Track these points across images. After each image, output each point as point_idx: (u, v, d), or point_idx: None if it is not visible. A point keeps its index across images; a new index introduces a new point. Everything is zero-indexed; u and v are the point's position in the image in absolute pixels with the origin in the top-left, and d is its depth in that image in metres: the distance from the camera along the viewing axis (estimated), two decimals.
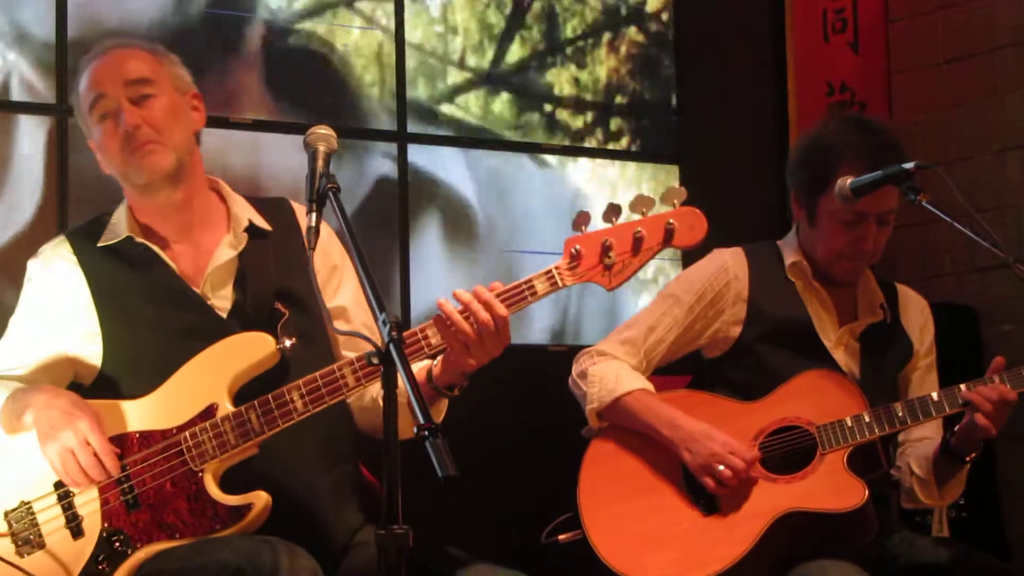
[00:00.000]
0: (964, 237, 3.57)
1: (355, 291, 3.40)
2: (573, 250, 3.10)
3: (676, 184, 3.43)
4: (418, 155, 5.44)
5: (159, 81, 3.28)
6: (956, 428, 3.62)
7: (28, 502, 3.11)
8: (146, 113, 3.23)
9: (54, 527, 3.10)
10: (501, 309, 3.01)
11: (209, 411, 3.10)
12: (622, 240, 3.10)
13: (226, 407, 3.09)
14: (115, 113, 3.23)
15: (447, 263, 5.48)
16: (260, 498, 3.05)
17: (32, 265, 3.36)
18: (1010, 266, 3.50)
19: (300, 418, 3.06)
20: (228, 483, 3.09)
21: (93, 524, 3.09)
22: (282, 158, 5.10)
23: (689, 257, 4.17)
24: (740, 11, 6.14)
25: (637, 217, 3.12)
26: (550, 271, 3.10)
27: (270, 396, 3.06)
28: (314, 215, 2.80)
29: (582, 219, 3.11)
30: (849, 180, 3.64)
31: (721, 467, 3.55)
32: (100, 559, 3.07)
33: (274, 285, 3.25)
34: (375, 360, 2.58)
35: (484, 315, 3.00)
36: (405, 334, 2.99)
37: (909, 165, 3.58)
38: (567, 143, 5.76)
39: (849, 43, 6.24)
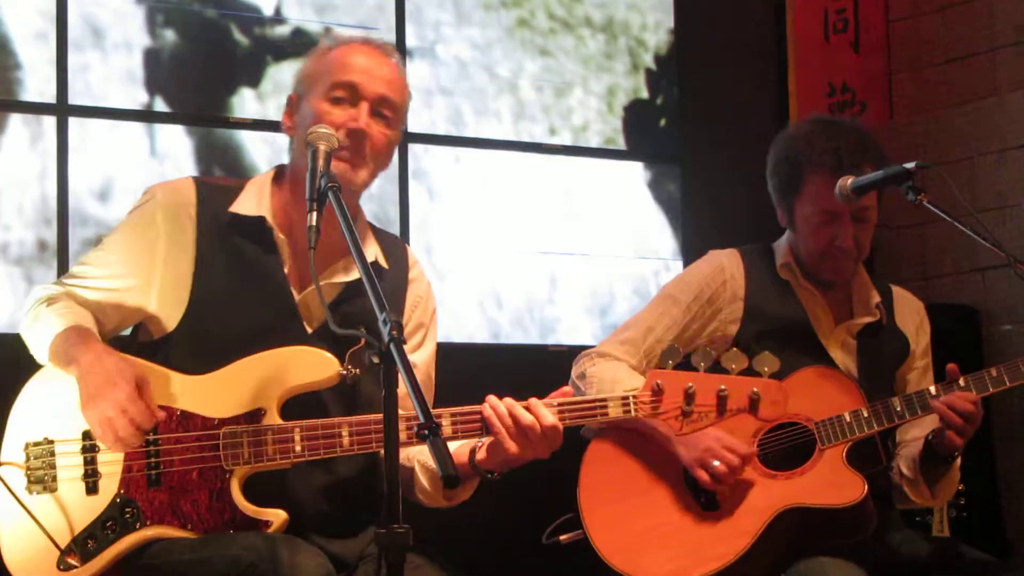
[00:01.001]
0: (965, 237, 3.58)
1: (431, 357, 3.37)
2: (655, 385, 3.08)
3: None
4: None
5: (398, 115, 3.23)
6: (933, 431, 3.63)
7: (52, 440, 3.05)
8: (376, 133, 3.16)
9: (70, 475, 3.04)
10: (548, 419, 3.01)
11: (256, 414, 3.05)
12: (705, 392, 3.07)
13: (273, 416, 3.05)
14: (353, 106, 3.15)
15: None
16: (279, 517, 3.02)
17: (152, 190, 3.23)
18: (1011, 266, 3.51)
19: (342, 454, 3.04)
20: (250, 489, 3.05)
21: (109, 486, 3.03)
22: None
23: (689, 260, 4.17)
24: (741, 11, 6.14)
25: (726, 371, 3.08)
26: (627, 399, 3.10)
27: (319, 423, 3.03)
28: (314, 214, 2.79)
29: (670, 354, 3.09)
30: (850, 181, 3.65)
31: (716, 462, 3.56)
32: (107, 523, 3.01)
33: (369, 321, 3.19)
34: (375, 359, 2.58)
35: (528, 420, 3.00)
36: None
37: (910, 165, 3.58)
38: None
39: (850, 43, 6.24)
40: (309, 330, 3.17)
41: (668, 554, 3.58)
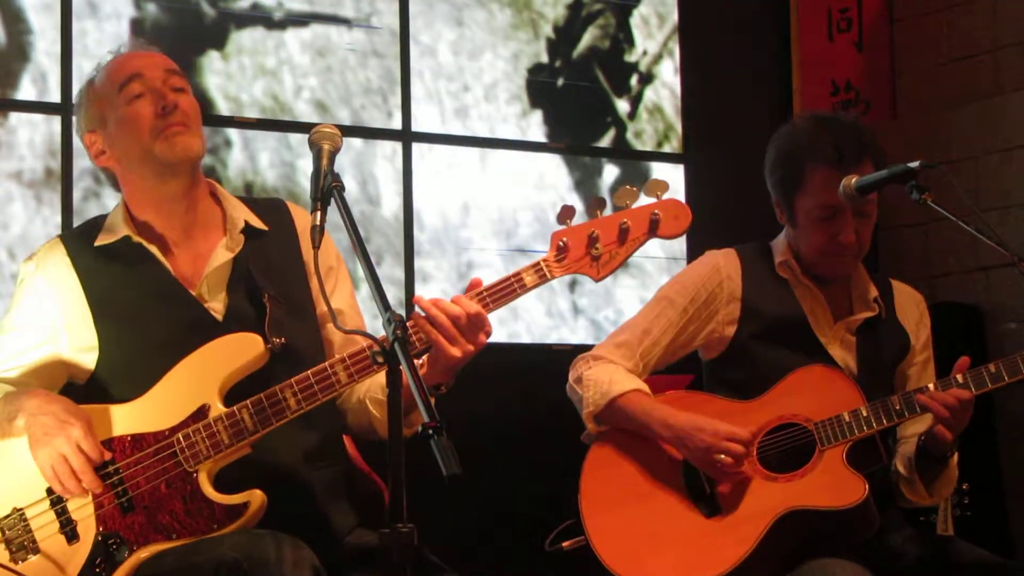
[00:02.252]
0: (969, 236, 3.57)
1: (350, 295, 3.42)
2: (560, 243, 3.13)
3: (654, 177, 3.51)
4: None
5: (187, 85, 3.31)
6: (925, 430, 3.63)
7: (21, 508, 3.10)
8: (184, 101, 3.25)
9: (48, 532, 3.09)
10: (472, 307, 3.02)
11: (201, 412, 3.09)
12: (608, 231, 3.14)
13: (218, 407, 3.08)
14: (153, 92, 3.23)
15: None
16: (256, 496, 3.05)
17: (25, 268, 3.33)
18: (1015, 265, 3.51)
19: (293, 415, 3.06)
20: (222, 482, 3.08)
21: (88, 528, 3.08)
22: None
23: (694, 256, 4.17)
24: (745, 10, 6.14)
25: (621, 209, 3.17)
26: (538, 263, 3.12)
27: (263, 395, 3.06)
28: (319, 214, 2.80)
29: (567, 213, 3.15)
30: (855, 180, 3.65)
31: (721, 456, 3.56)
32: (97, 562, 3.06)
33: (270, 286, 3.24)
34: (380, 359, 2.59)
35: (455, 309, 3.01)
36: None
37: (914, 164, 3.58)
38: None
39: (854, 42, 6.24)
40: (219, 318, 3.22)
41: (670, 560, 3.57)
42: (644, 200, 3.18)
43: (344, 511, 3.26)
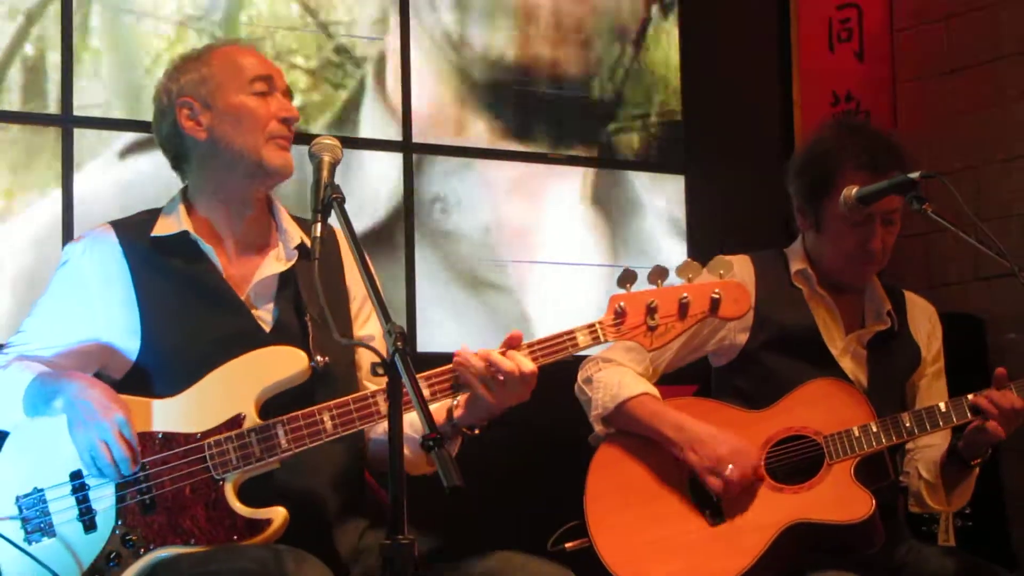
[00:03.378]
0: (970, 246, 3.58)
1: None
2: (618, 307, 3.11)
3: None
4: None
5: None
6: (964, 432, 3.62)
7: (42, 489, 3.08)
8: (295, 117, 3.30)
9: (66, 517, 3.06)
10: (527, 366, 3.02)
11: (235, 421, 3.07)
12: (667, 303, 3.12)
13: (253, 418, 3.07)
14: (275, 94, 3.26)
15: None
16: (279, 514, 3.03)
17: (72, 248, 3.30)
18: (1015, 275, 3.51)
19: (327, 439, 3.05)
20: (245, 494, 3.07)
21: (107, 520, 3.05)
22: None
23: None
24: (745, 20, 6.14)
25: (682, 282, 3.14)
26: (593, 326, 3.12)
27: (300, 414, 3.05)
28: (319, 225, 2.81)
29: (627, 277, 3.12)
30: (855, 190, 3.66)
31: (730, 466, 3.55)
32: (112, 555, 3.03)
33: (314, 307, 3.23)
34: (380, 371, 2.59)
35: (509, 365, 3.01)
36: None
37: (915, 175, 3.59)
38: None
39: (855, 52, 6.24)
40: (267, 329, 3.21)
41: (673, 567, 3.57)
42: (706, 277, 3.16)
43: (358, 527, 3.25)
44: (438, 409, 3.13)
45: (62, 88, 4.85)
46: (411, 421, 3.14)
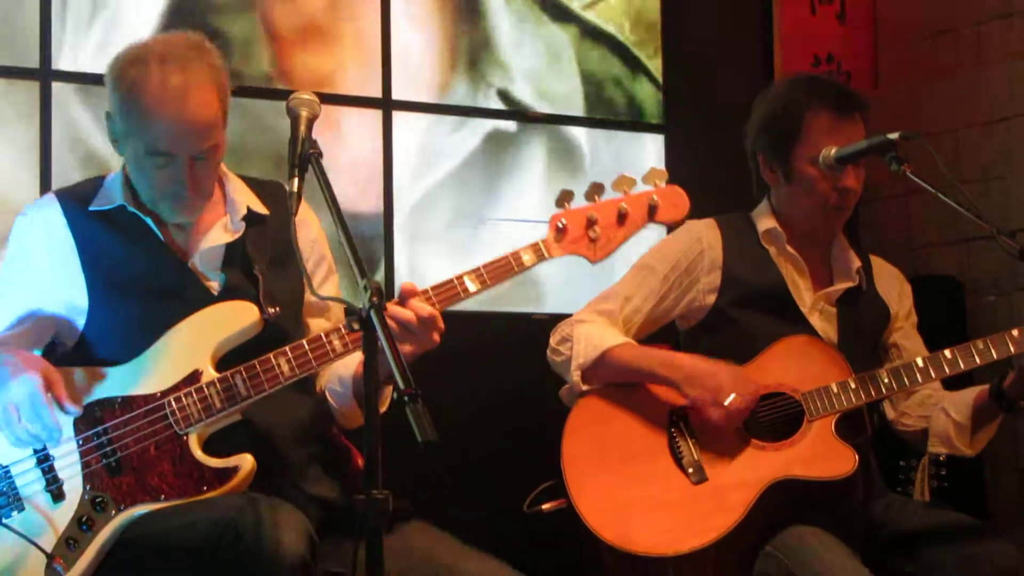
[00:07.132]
0: (949, 208, 3.58)
1: (337, 286, 3.47)
2: (558, 224, 3.19)
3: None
4: None
5: (218, 122, 3.18)
6: (1011, 373, 3.62)
7: (6, 466, 3.11)
8: (203, 172, 3.18)
9: (34, 490, 3.09)
10: (425, 310, 3.05)
11: (193, 376, 3.11)
12: (607, 215, 3.21)
13: (210, 373, 3.11)
14: (175, 165, 3.15)
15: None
16: (246, 461, 3.07)
17: (19, 221, 3.31)
18: (994, 237, 3.51)
19: (286, 382, 3.09)
20: (211, 449, 3.10)
21: (74, 487, 3.09)
22: None
23: (672, 228, 4.16)
24: None
25: (619, 195, 3.23)
26: (536, 244, 3.18)
27: (256, 362, 3.09)
28: (296, 180, 2.80)
29: (565, 196, 3.21)
30: (834, 150, 3.68)
31: (732, 395, 3.55)
32: (83, 520, 3.06)
33: (265, 266, 3.25)
34: (355, 325, 2.59)
35: (407, 314, 3.04)
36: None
37: (894, 135, 3.59)
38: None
39: (836, 15, 6.23)
40: (214, 293, 3.22)
41: (659, 526, 3.56)
42: (642, 187, 3.26)
43: (327, 484, 3.26)
44: (358, 366, 3.18)
45: (40, 40, 4.80)
46: (337, 375, 3.23)
